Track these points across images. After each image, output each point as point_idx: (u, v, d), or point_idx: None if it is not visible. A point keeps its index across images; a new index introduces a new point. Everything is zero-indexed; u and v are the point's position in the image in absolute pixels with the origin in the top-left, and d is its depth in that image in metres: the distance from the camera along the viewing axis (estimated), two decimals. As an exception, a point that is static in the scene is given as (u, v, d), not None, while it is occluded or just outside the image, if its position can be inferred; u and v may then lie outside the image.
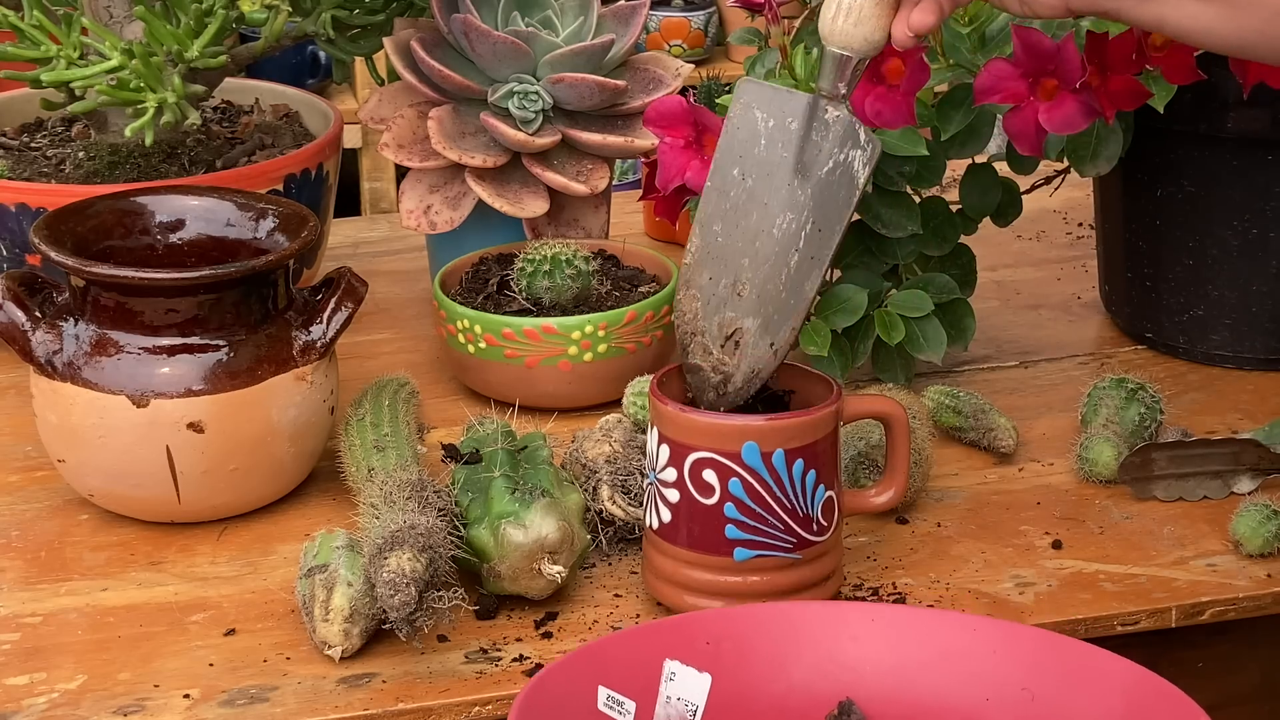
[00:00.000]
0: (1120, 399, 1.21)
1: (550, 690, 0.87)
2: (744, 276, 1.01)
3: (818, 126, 1.00)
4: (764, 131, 1.01)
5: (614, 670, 0.90)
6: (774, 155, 1.01)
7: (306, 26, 1.42)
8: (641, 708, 0.90)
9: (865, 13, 0.98)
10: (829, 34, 0.99)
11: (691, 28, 3.19)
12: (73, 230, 1.14)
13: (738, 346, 1.00)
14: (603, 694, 0.89)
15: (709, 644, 0.91)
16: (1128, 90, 1.12)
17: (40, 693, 0.98)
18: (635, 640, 0.92)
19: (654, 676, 0.90)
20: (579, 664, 0.90)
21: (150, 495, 1.11)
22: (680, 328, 1.02)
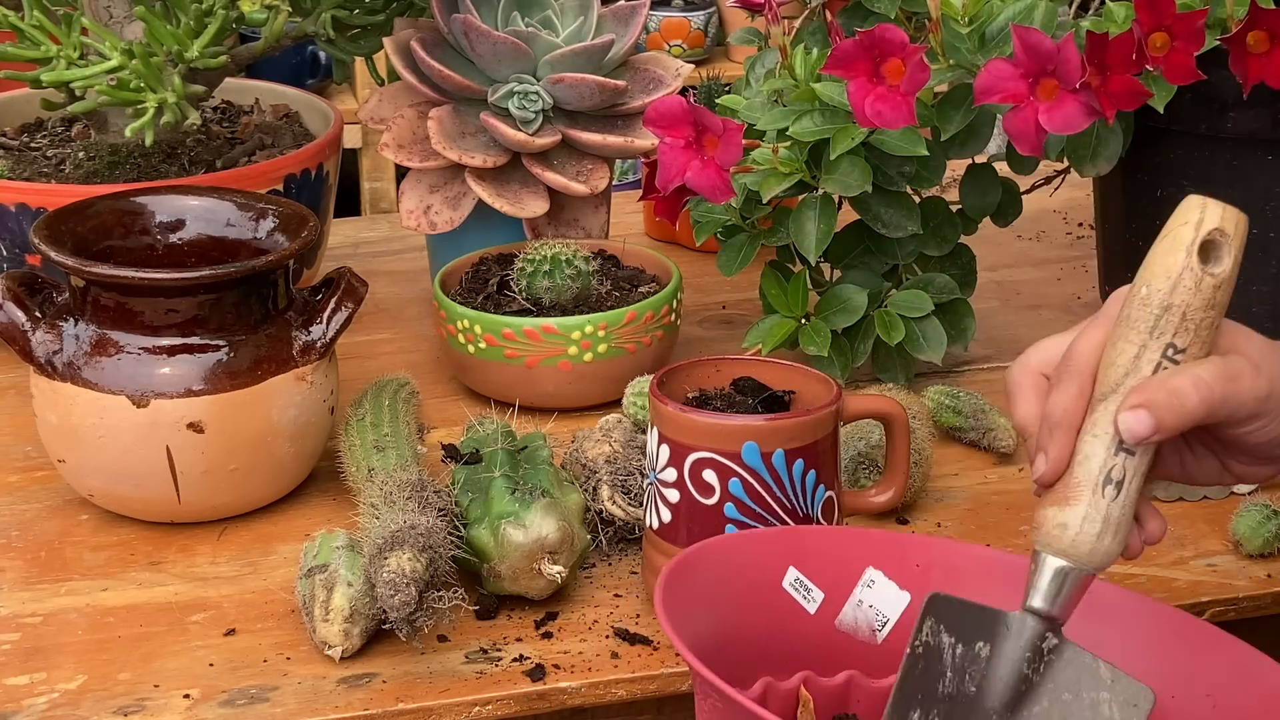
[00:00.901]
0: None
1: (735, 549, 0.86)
2: None
3: (1030, 656, 0.82)
4: (950, 661, 0.83)
5: (810, 557, 0.89)
6: (960, 691, 0.83)
7: (306, 26, 1.42)
8: (828, 602, 0.88)
9: (1128, 527, 0.82)
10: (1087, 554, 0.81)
11: (691, 28, 3.19)
12: (73, 230, 1.14)
13: None
14: (792, 573, 0.88)
15: (918, 567, 0.89)
16: (1128, 90, 1.12)
17: (40, 693, 0.98)
18: (842, 539, 0.91)
19: (850, 577, 0.88)
20: (775, 539, 0.89)
21: (150, 495, 1.11)
22: None
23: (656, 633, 1.02)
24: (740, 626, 0.88)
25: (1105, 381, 0.82)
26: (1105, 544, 0.81)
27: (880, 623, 0.89)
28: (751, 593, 0.88)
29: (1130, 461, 0.81)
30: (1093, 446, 0.81)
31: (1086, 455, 0.81)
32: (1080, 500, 0.81)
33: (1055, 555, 0.82)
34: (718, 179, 1.16)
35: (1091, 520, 0.81)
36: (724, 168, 1.15)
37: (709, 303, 1.49)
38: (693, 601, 0.85)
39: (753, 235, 1.25)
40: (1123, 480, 0.81)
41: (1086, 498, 0.81)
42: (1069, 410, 0.82)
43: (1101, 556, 0.81)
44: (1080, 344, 0.85)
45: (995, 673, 0.82)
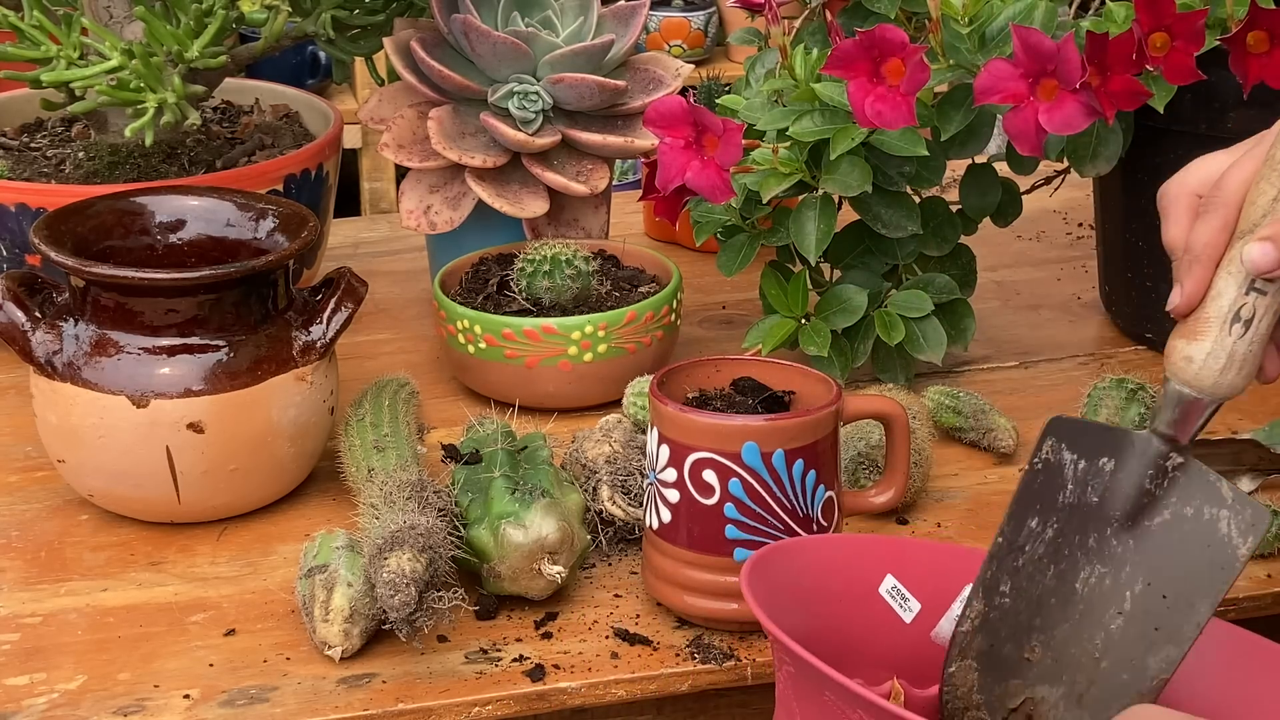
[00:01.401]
0: (1120, 399, 1.21)
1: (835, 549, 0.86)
2: (1034, 639, 0.86)
3: (1153, 473, 0.84)
4: (1072, 475, 0.86)
5: (910, 567, 0.88)
6: (1082, 501, 0.85)
7: (306, 26, 1.42)
8: (925, 613, 0.88)
9: (1255, 362, 0.84)
10: (1212, 385, 0.84)
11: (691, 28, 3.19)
12: (73, 230, 1.14)
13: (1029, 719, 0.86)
14: (889, 581, 0.88)
15: None
16: (1128, 90, 1.12)
17: (40, 693, 0.98)
18: (943, 554, 0.90)
19: (950, 592, 0.88)
20: (877, 545, 0.88)
21: (150, 495, 1.11)
22: (949, 703, 0.87)
23: (656, 633, 1.02)
24: (831, 626, 0.87)
25: (1246, 219, 0.83)
26: (1229, 378, 0.83)
27: None
28: (847, 594, 0.88)
29: (1261, 301, 0.82)
30: (1225, 283, 0.83)
31: (1219, 291, 0.83)
32: (1207, 336, 0.83)
33: (1181, 385, 0.84)
34: (718, 179, 1.16)
35: (1216, 356, 0.83)
36: (724, 168, 1.15)
37: (709, 303, 1.49)
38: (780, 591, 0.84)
39: (753, 235, 1.26)
40: (1251, 319, 0.82)
41: (1214, 334, 0.83)
42: (1209, 243, 0.83)
43: (1225, 389, 0.83)
44: (1232, 174, 0.84)
45: (1118, 485, 0.84)
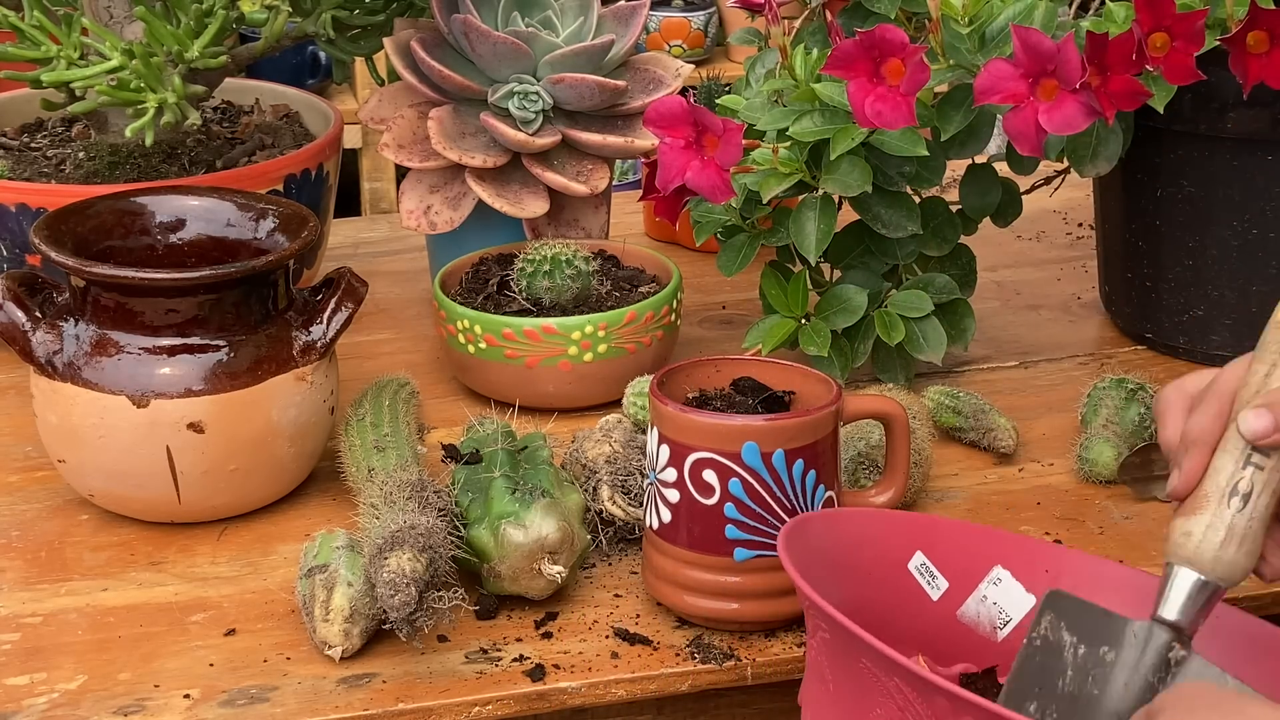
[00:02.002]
0: (1120, 399, 1.21)
1: (866, 521, 0.87)
2: None
3: (1155, 665, 0.82)
4: (1071, 660, 0.83)
5: (940, 545, 0.89)
6: (1082, 692, 0.82)
7: (306, 26, 1.42)
8: (952, 591, 0.89)
9: (1257, 541, 0.82)
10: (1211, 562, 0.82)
11: (691, 28, 3.19)
12: (73, 230, 1.14)
13: None
14: (919, 558, 0.88)
15: (1047, 572, 0.89)
16: (1128, 90, 1.12)
17: (40, 693, 0.98)
18: (972, 534, 0.91)
19: (978, 572, 0.89)
20: (907, 521, 0.89)
21: (150, 495, 1.11)
22: None
23: (656, 633, 1.02)
24: (859, 598, 0.87)
25: (1240, 401, 0.84)
26: (1229, 553, 0.82)
27: (1003, 621, 0.90)
28: (876, 568, 0.89)
29: (1259, 475, 0.82)
30: (1223, 460, 0.83)
31: (1216, 469, 0.83)
32: (1206, 510, 0.82)
33: (1181, 564, 0.82)
34: (718, 179, 1.16)
35: (1215, 529, 0.82)
36: (724, 168, 1.15)
37: (709, 303, 1.49)
38: (814, 560, 0.84)
39: (753, 235, 1.25)
40: (1250, 493, 0.82)
41: (1211, 507, 0.82)
42: (1205, 429, 0.84)
43: (1226, 566, 0.82)
44: (1227, 371, 0.86)
45: (1119, 679, 0.82)
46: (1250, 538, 0.82)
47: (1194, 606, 0.82)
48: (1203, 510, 0.82)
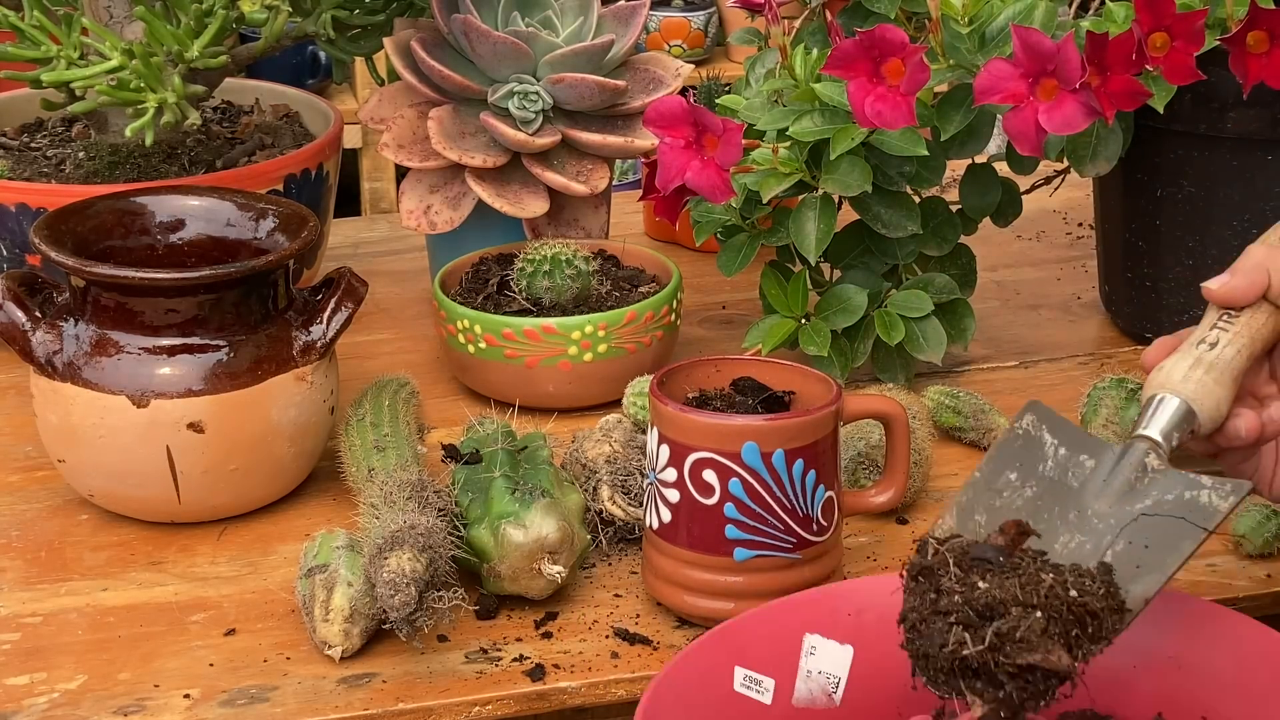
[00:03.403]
0: (1120, 399, 1.21)
1: (683, 676, 0.86)
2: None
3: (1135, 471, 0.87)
4: (1052, 455, 0.89)
5: (751, 649, 0.88)
6: (1062, 481, 0.89)
7: (306, 26, 1.42)
8: (780, 685, 0.88)
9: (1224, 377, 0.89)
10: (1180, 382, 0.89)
11: (691, 28, 3.19)
12: (73, 230, 1.14)
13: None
14: (739, 674, 0.88)
15: (850, 615, 0.89)
16: (1128, 90, 1.12)
17: (40, 693, 0.98)
18: (774, 616, 0.90)
19: (793, 652, 0.89)
20: (713, 646, 0.88)
21: (150, 495, 1.11)
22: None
23: (656, 633, 1.02)
24: None
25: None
26: (1197, 374, 0.89)
27: (833, 685, 0.90)
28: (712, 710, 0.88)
29: (1224, 334, 0.90)
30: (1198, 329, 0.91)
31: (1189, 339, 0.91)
32: (1178, 352, 0.90)
33: (1154, 390, 0.89)
34: (718, 179, 1.16)
35: (1184, 358, 0.89)
36: (724, 168, 1.15)
37: (709, 303, 1.49)
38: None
39: (753, 235, 1.25)
40: (1216, 343, 0.90)
41: (1183, 350, 0.90)
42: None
43: (1195, 385, 0.88)
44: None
45: (1098, 477, 0.88)
46: (1216, 372, 0.89)
47: (1168, 424, 0.88)
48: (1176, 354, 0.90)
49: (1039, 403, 0.91)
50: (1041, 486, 0.89)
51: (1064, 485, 0.88)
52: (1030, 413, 0.91)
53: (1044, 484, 0.89)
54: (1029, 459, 0.90)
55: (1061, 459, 0.89)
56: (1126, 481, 0.87)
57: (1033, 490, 0.89)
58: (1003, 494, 0.89)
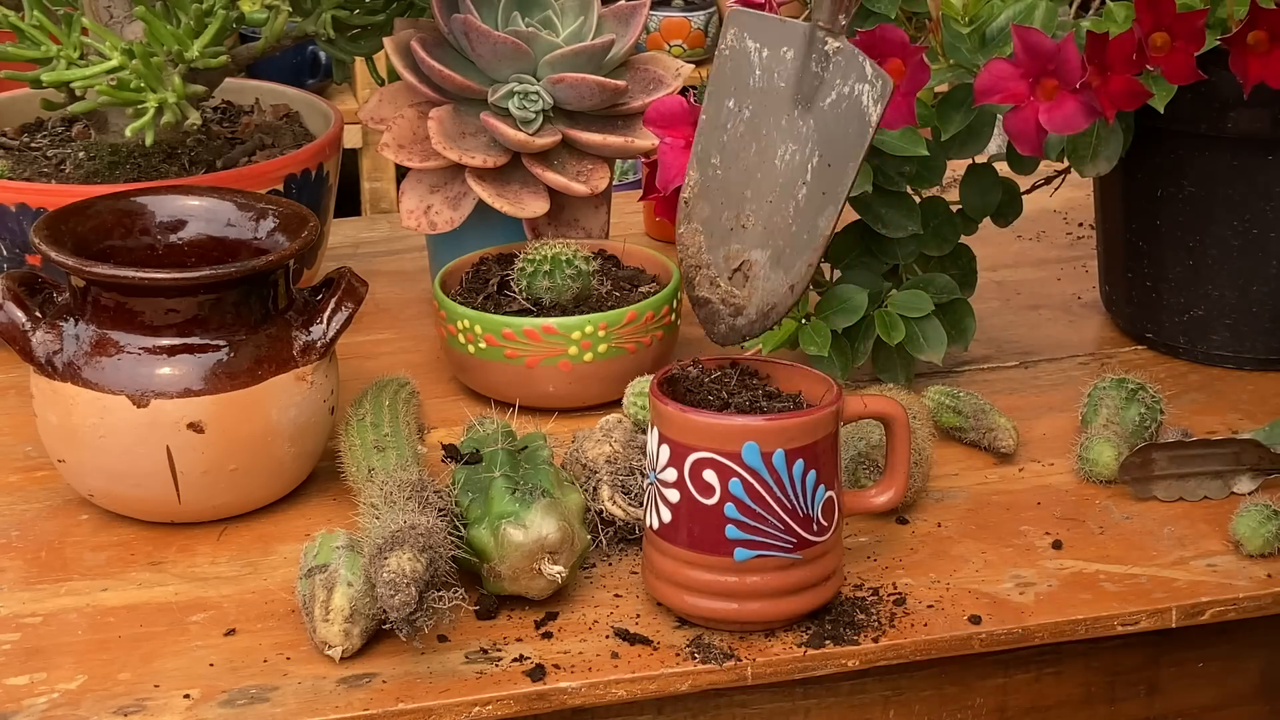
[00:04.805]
0: (1120, 399, 1.21)
1: None
2: (747, 208, 0.99)
3: (817, 58, 0.98)
4: (758, 61, 0.99)
5: None
6: (770, 85, 0.98)
7: (306, 26, 1.42)
8: None
9: None
10: None
11: (691, 28, 3.19)
12: (73, 230, 1.14)
13: (747, 279, 0.99)
14: None
15: None
16: (1128, 90, 1.12)
17: (40, 693, 0.98)
18: None
19: None
20: None
21: (150, 495, 1.11)
22: (684, 262, 1.01)
23: (656, 633, 1.02)
24: None
25: None
26: None
27: None
28: None
29: None
30: None
31: None
32: None
33: None
34: (718, 179, 1.16)
35: None
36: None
37: (709, 303, 1.49)
38: None
39: (753, 235, 1.25)
40: None
41: None
42: None
43: None
44: None
45: (797, 70, 0.98)
46: None
47: (835, 5, 0.98)
48: None
49: (738, 10, 0.99)
50: (755, 102, 0.98)
51: (773, 90, 0.98)
52: (731, 25, 0.98)
53: (756, 97, 0.98)
54: (739, 77, 0.99)
55: (766, 61, 0.98)
56: (814, 74, 0.97)
57: (749, 110, 0.98)
58: (727, 127, 0.99)
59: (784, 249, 0.99)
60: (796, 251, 0.98)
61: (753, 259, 0.99)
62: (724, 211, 1.00)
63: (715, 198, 1.00)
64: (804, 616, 1.03)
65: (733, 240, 1.00)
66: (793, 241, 0.98)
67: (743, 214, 0.99)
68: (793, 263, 0.99)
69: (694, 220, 1.01)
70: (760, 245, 0.99)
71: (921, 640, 1.02)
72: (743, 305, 1.01)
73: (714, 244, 1.00)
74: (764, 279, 0.99)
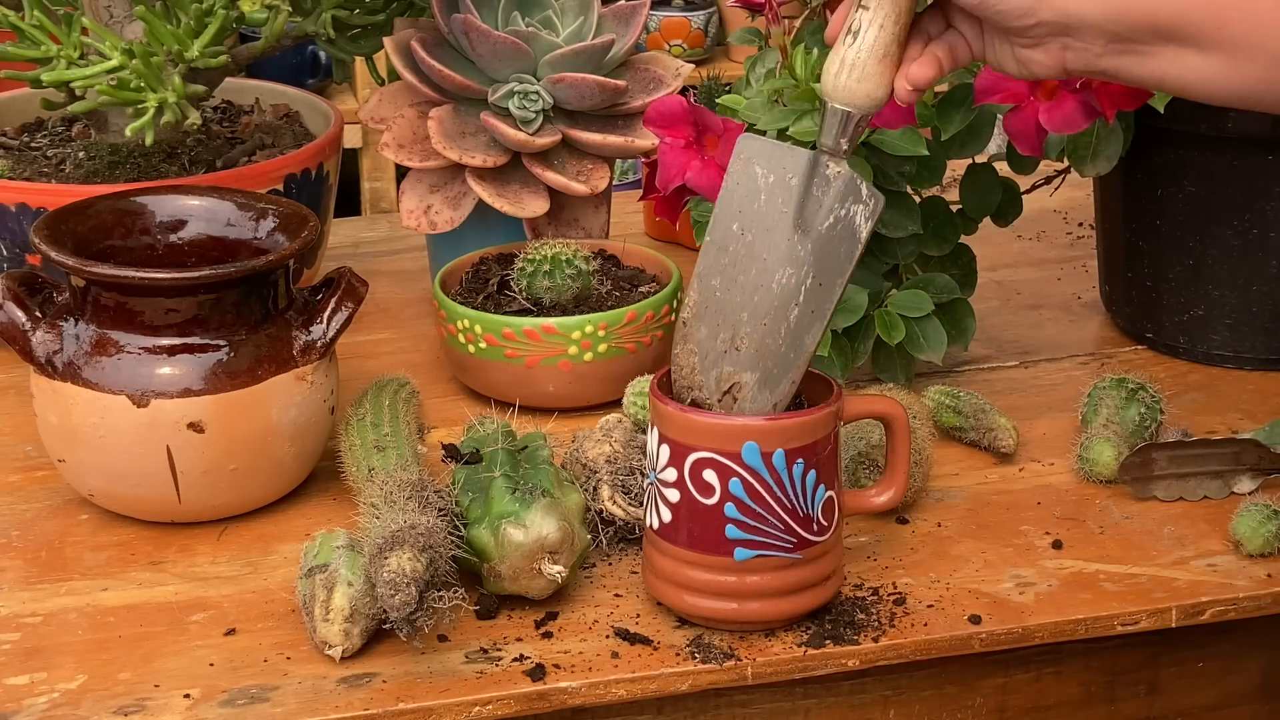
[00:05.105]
0: (1120, 399, 1.21)
1: None
2: (742, 331, 1.01)
3: (818, 182, 1.00)
4: (764, 187, 1.00)
5: None
6: (773, 210, 1.00)
7: (306, 26, 1.42)
8: None
9: (868, 70, 0.97)
10: (831, 90, 0.98)
11: (691, 28, 3.19)
12: (73, 230, 1.14)
13: (735, 401, 1.01)
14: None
15: None
16: (1128, 90, 1.12)
17: (40, 693, 0.98)
18: None
19: None
20: None
21: (150, 495, 1.11)
22: (677, 381, 1.02)
23: (657, 632, 1.02)
24: None
25: None
26: (843, 81, 0.97)
27: None
28: None
29: (865, 15, 0.97)
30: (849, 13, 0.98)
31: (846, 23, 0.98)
32: (833, 49, 0.98)
33: (824, 97, 0.99)
34: (718, 179, 1.16)
35: (832, 59, 0.98)
36: (724, 167, 1.15)
37: (709, 303, 1.49)
38: None
39: (753, 235, 1.25)
40: (858, 30, 0.97)
41: (835, 48, 0.98)
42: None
43: (843, 92, 0.97)
44: None
45: (798, 195, 1.00)
46: (859, 67, 0.97)
47: (836, 130, 0.99)
48: (832, 50, 0.98)
49: (747, 137, 1.01)
50: (757, 225, 1.00)
51: (775, 214, 1.00)
52: (740, 151, 1.01)
53: (759, 221, 1.00)
54: (746, 202, 1.01)
55: (770, 187, 1.00)
56: (815, 199, 0.99)
57: (752, 235, 1.00)
58: (729, 249, 1.01)
59: (772, 369, 1.00)
60: (783, 370, 1.00)
61: (743, 381, 1.01)
62: (720, 334, 1.01)
63: (713, 319, 1.01)
64: (804, 616, 1.03)
65: (725, 362, 1.01)
66: (780, 361, 1.00)
67: (738, 336, 1.01)
68: (778, 382, 1.01)
69: (690, 342, 1.02)
70: (751, 368, 1.01)
71: (921, 640, 1.02)
72: None
73: (707, 366, 1.01)
74: (750, 400, 1.01)
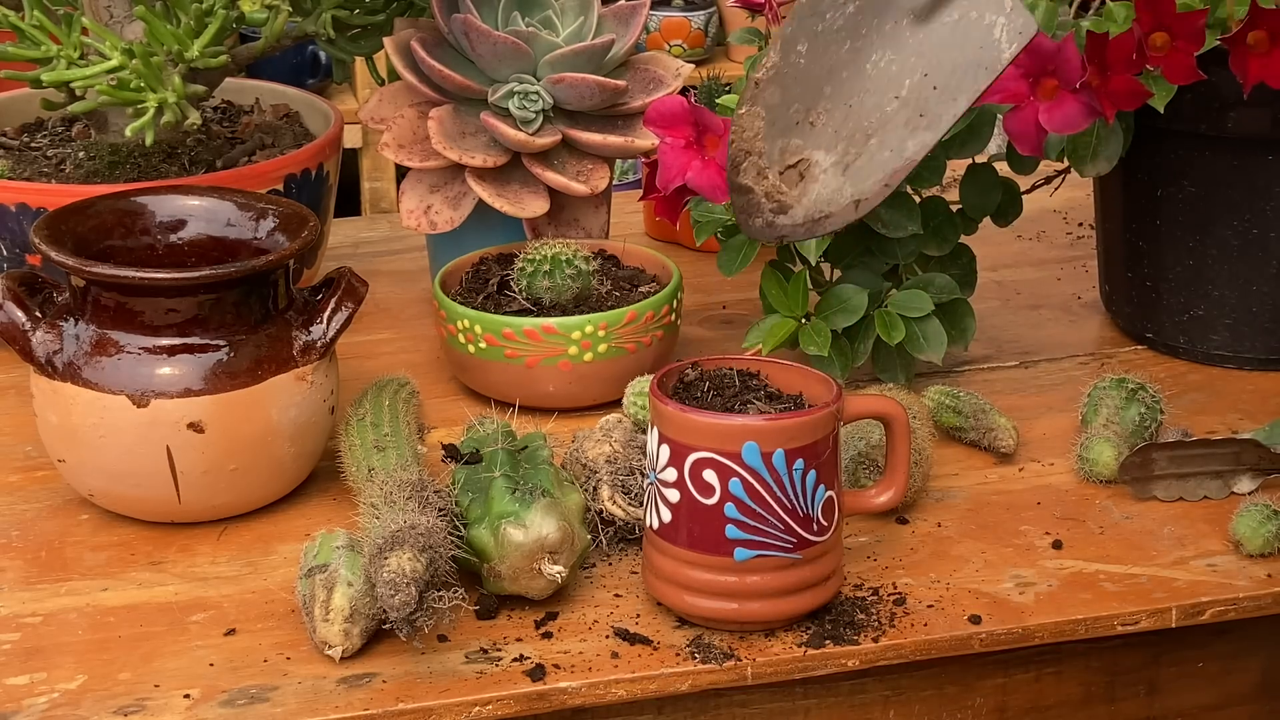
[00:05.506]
0: (1120, 399, 1.21)
1: None
2: (821, 106, 0.92)
3: None
4: None
5: None
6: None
7: (306, 26, 1.42)
8: None
9: None
10: None
11: (691, 28, 3.19)
12: (73, 230, 1.14)
13: (801, 178, 0.93)
14: None
15: None
16: (1128, 90, 1.12)
17: (40, 693, 0.98)
18: None
19: None
20: None
21: (150, 495, 1.11)
22: (734, 144, 0.93)
23: (656, 633, 1.02)
24: None
25: None
26: None
27: None
28: None
29: None
30: None
31: None
32: None
33: None
34: (718, 179, 1.16)
35: None
36: (724, 167, 1.15)
37: (709, 303, 1.49)
38: None
39: (753, 235, 1.25)
40: None
41: None
42: None
43: None
44: None
45: None
46: None
47: None
48: None
49: None
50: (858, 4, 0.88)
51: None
52: None
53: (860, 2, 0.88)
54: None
55: None
56: None
57: (855, 6, 0.89)
58: (825, 16, 0.90)
59: (855, 158, 0.91)
60: (872, 166, 0.91)
61: (814, 159, 0.92)
62: (795, 103, 0.92)
63: (790, 86, 0.92)
64: (804, 616, 1.03)
65: (795, 134, 0.93)
66: (869, 154, 0.91)
67: (815, 110, 0.92)
68: (864, 176, 0.91)
69: (759, 104, 0.93)
70: (826, 147, 0.92)
71: (921, 640, 1.02)
72: (789, 204, 0.94)
73: (774, 133, 0.93)
74: (822, 183, 0.92)
